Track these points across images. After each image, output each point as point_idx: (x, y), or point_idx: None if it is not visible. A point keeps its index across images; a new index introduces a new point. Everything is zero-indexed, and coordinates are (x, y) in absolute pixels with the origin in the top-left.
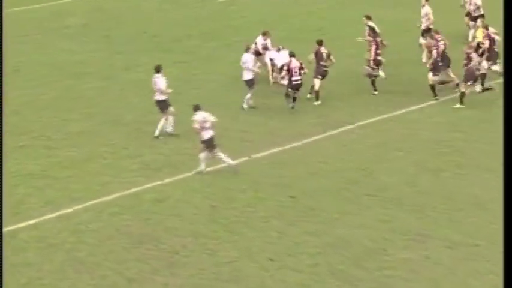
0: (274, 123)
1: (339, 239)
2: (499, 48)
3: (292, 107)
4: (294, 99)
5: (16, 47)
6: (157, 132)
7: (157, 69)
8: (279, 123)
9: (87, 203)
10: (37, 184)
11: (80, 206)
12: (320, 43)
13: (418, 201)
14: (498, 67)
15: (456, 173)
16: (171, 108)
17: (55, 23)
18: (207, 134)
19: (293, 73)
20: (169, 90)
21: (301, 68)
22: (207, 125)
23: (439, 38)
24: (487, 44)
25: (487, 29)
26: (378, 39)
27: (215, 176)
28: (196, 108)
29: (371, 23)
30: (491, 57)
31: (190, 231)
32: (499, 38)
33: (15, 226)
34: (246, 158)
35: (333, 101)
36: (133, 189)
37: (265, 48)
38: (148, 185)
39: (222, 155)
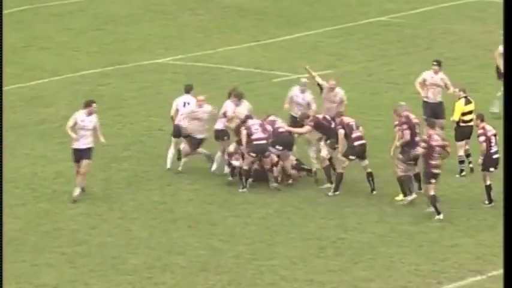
0: (357, 269)
1: None
2: None
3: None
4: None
5: None
6: (214, 167)
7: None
8: (364, 269)
9: None
10: None
11: None
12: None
13: None
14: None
15: None
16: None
17: (26, 115)
18: None
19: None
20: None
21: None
22: None
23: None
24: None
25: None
26: None
27: None
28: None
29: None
30: None
31: None
32: None
33: None
34: None
35: (450, 233)
36: None
37: None
38: None
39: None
